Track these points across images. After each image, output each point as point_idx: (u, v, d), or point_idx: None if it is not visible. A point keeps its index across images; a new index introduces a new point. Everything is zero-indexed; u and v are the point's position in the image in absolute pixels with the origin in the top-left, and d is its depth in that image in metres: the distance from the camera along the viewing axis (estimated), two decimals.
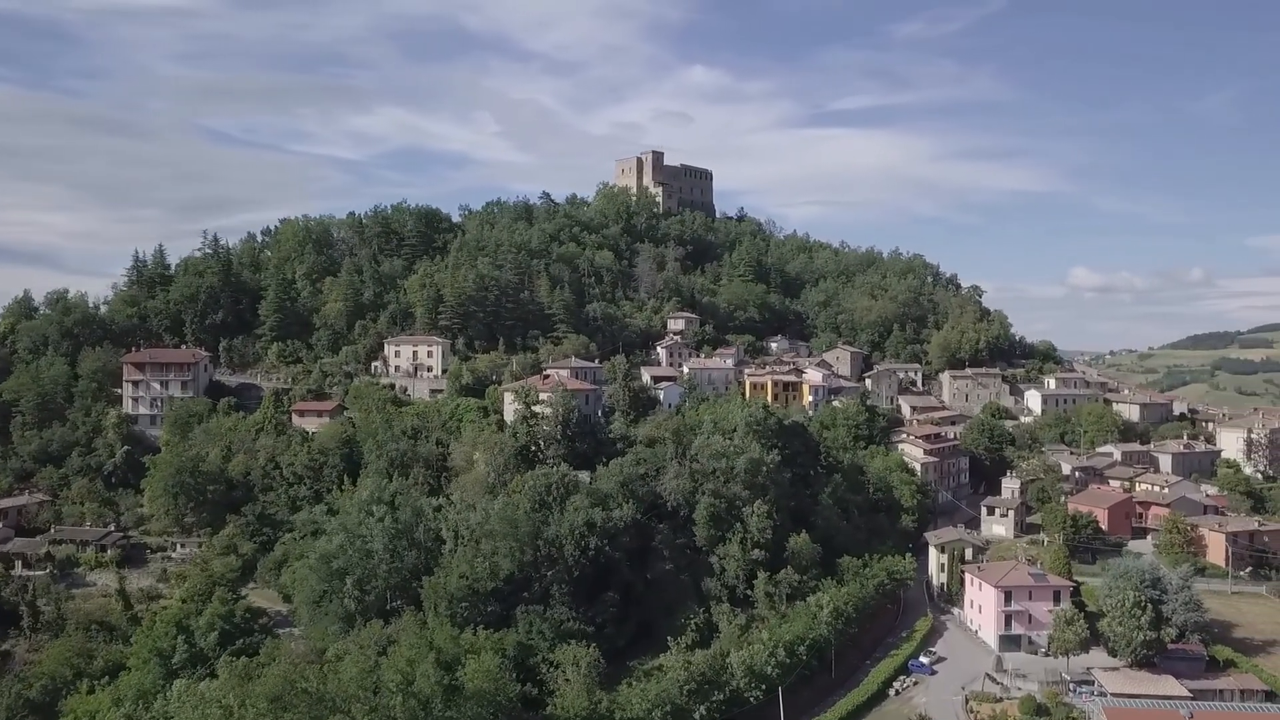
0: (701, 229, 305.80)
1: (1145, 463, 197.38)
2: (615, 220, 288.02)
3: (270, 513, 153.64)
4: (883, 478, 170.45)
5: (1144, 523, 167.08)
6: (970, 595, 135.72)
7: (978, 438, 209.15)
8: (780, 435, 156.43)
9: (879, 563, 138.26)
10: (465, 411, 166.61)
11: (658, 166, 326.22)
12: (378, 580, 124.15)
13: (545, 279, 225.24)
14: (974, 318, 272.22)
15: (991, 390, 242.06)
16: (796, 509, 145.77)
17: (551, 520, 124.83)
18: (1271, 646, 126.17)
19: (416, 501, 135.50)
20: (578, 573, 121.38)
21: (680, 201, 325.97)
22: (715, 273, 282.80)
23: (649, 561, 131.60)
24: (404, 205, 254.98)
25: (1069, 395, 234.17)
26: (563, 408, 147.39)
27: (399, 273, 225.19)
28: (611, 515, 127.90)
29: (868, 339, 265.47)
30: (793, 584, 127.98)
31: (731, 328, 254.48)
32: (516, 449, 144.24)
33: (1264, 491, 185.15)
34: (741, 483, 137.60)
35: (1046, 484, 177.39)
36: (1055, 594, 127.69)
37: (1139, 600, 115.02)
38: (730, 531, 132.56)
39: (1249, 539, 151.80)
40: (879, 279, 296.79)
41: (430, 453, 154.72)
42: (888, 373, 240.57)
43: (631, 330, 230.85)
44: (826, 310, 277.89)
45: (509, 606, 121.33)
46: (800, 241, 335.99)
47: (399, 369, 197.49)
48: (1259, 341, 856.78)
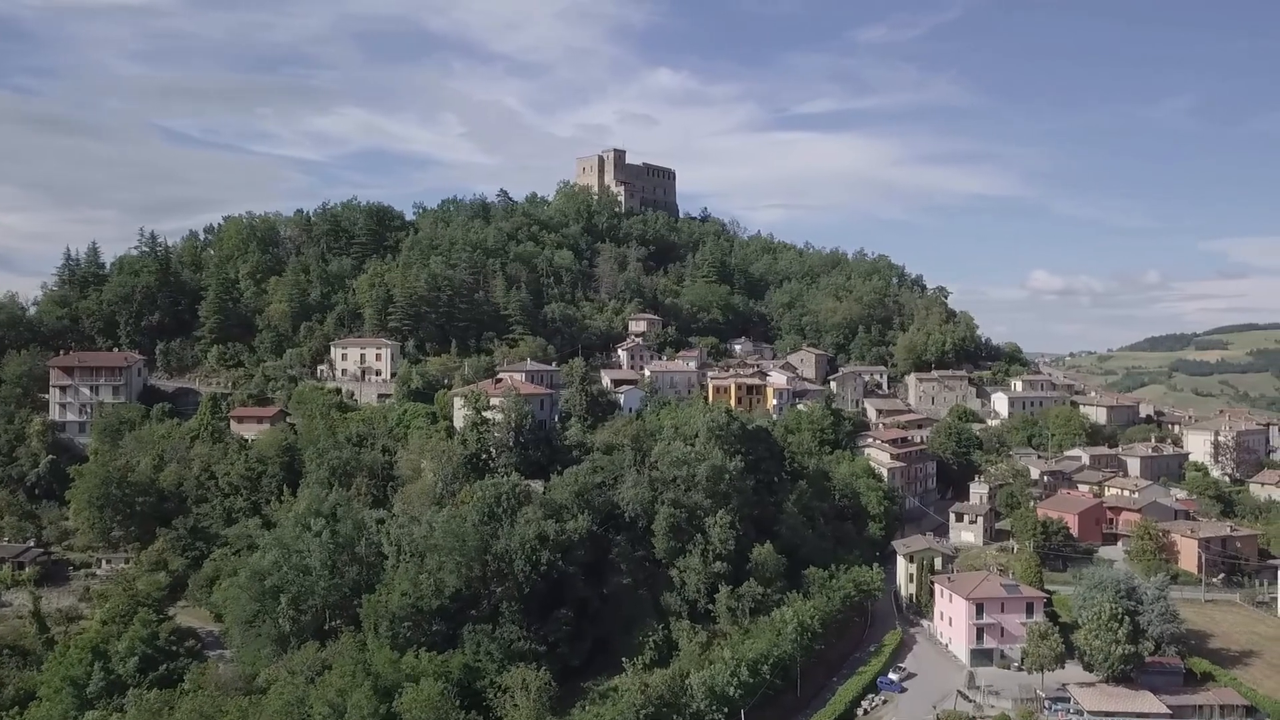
0: (664, 229, 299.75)
1: (1114, 466, 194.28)
2: (576, 219, 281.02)
3: (204, 526, 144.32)
4: (849, 484, 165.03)
5: (1114, 528, 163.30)
6: (940, 607, 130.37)
7: (945, 441, 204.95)
8: (743, 441, 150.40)
9: (846, 574, 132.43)
10: (413, 417, 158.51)
11: (619, 165, 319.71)
12: (315, 598, 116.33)
13: (501, 279, 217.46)
14: (940, 319, 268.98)
15: (958, 393, 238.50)
16: (760, 518, 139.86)
17: (501, 533, 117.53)
18: (1248, 657, 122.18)
19: (358, 514, 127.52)
20: (529, 589, 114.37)
21: (643, 201, 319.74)
22: (678, 273, 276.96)
23: (605, 575, 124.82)
24: (354, 202, 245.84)
25: (1036, 398, 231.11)
26: (515, 413, 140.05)
27: (348, 272, 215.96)
28: (565, 527, 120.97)
29: (833, 341, 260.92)
30: (756, 598, 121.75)
31: (694, 330, 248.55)
32: (465, 457, 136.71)
33: (1232, 495, 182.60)
34: (703, 491, 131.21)
35: (1015, 489, 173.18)
36: (1028, 606, 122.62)
37: (1115, 613, 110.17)
38: (691, 543, 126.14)
39: (1221, 545, 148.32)
40: (844, 280, 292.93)
41: (375, 461, 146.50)
42: (853, 375, 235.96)
43: (591, 332, 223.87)
44: (791, 312, 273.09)
45: (455, 625, 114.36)
46: (764, 242, 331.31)
47: (346, 373, 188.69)
48: (1214, 343, 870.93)
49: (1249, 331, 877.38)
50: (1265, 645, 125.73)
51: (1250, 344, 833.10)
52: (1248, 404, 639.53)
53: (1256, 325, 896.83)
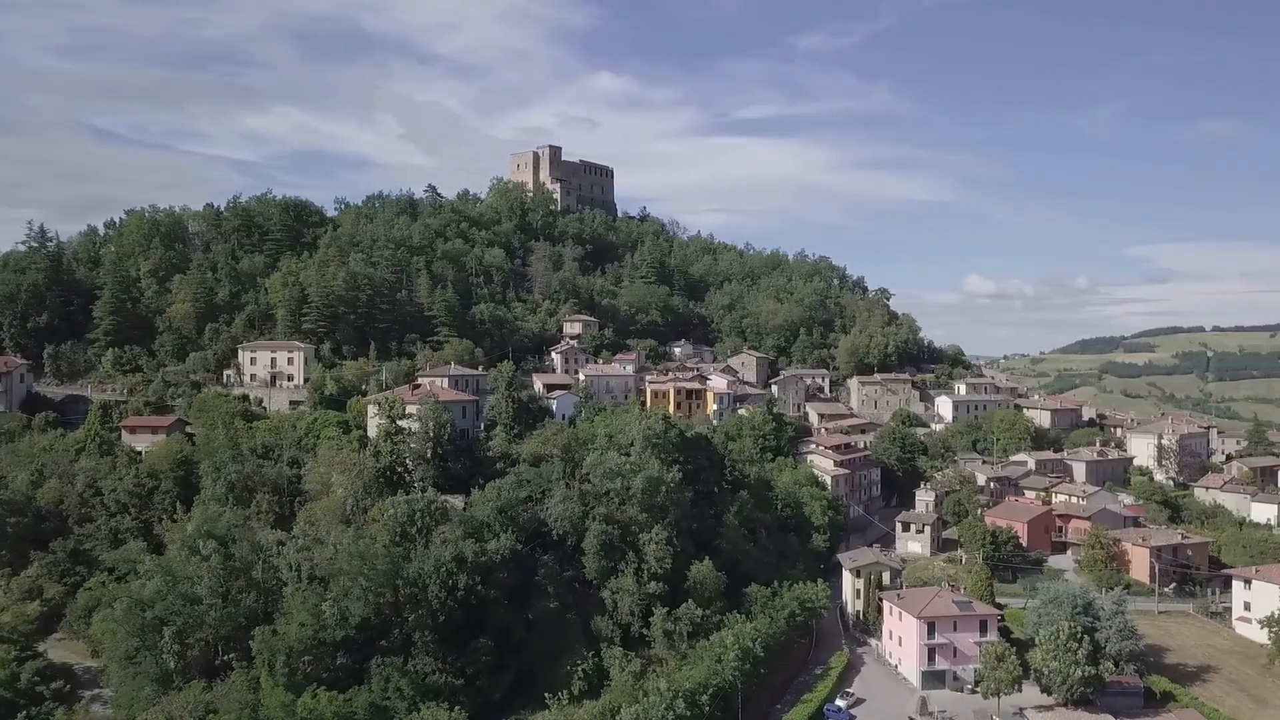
0: (602, 228, 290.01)
1: (1059, 471, 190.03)
2: (509, 217, 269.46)
3: (86, 548, 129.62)
4: (792, 493, 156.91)
5: (1064, 537, 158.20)
6: (889, 626, 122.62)
7: (889, 447, 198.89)
8: (682, 449, 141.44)
9: (790, 591, 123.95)
10: (323, 427, 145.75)
11: (555, 162, 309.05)
12: (204, 631, 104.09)
13: (426, 278, 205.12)
14: (882, 321, 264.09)
15: (901, 396, 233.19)
16: (699, 532, 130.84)
17: (415, 555, 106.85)
18: (1207, 673, 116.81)
19: (256, 534, 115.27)
20: (444, 616, 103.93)
21: (580, 199, 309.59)
22: (616, 274, 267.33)
23: (530, 599, 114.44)
24: (268, 196, 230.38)
25: (980, 401, 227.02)
26: (433, 422, 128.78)
27: (260, 270, 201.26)
28: (486, 547, 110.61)
29: (774, 344, 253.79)
30: (694, 620, 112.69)
31: (633, 332, 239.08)
32: (378, 471, 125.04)
33: (1178, 500, 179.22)
34: (638, 505, 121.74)
35: (963, 497, 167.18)
36: (981, 624, 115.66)
37: (1074, 632, 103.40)
38: (624, 562, 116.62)
39: (1172, 553, 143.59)
40: (785, 282, 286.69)
41: (280, 475, 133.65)
42: (795, 379, 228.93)
43: (523, 334, 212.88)
44: (731, 314, 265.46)
45: (362, 658, 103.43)
46: (704, 243, 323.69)
47: (255, 378, 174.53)
48: (1142, 346, 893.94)
49: (1174, 334, 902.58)
50: (1222, 660, 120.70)
51: (1175, 347, 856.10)
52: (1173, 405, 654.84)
53: (1181, 328, 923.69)
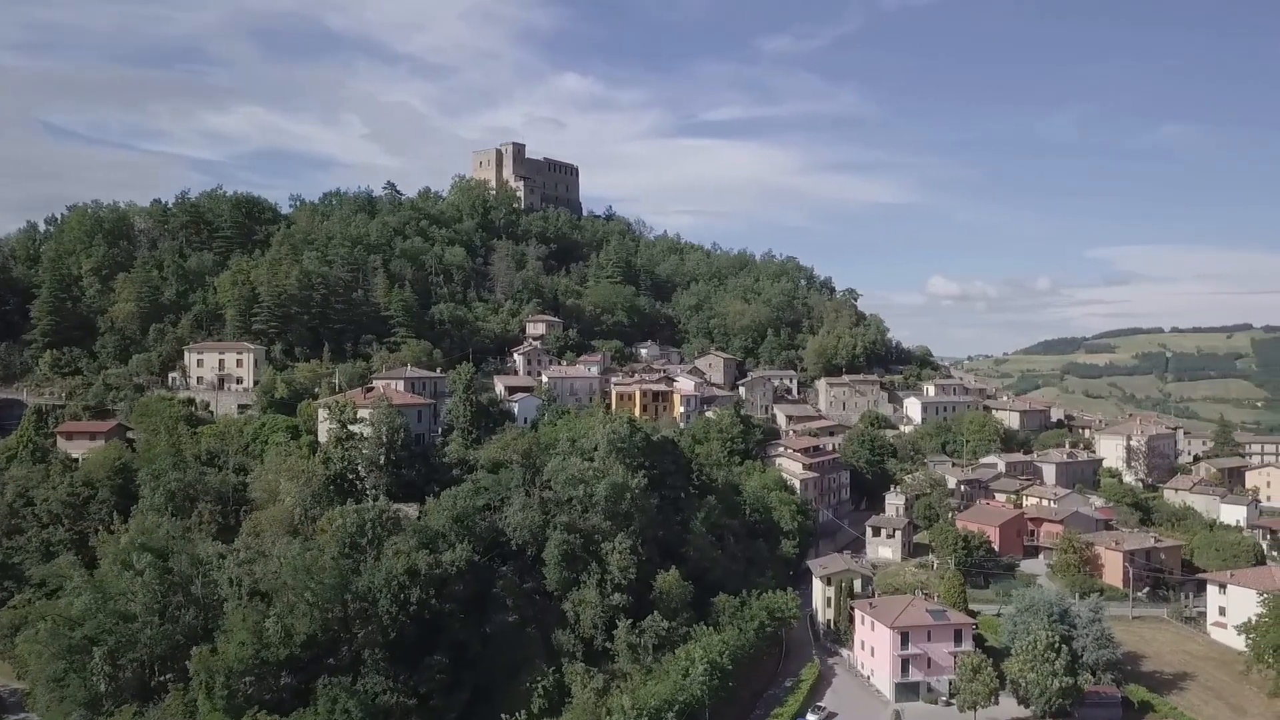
0: (567, 226, 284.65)
1: (1029, 473, 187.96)
2: (471, 215, 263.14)
3: (14, 562, 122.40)
4: (760, 498, 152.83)
5: (1036, 540, 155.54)
6: (861, 636, 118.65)
7: (858, 449, 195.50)
8: (647, 453, 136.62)
9: (759, 600, 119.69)
10: (271, 432, 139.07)
11: (519, 159, 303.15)
12: (138, 650, 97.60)
13: (383, 277, 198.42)
14: (850, 322, 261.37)
15: (869, 398, 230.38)
16: (665, 539, 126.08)
17: (365, 568, 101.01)
18: (1184, 681, 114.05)
19: (196, 547, 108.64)
20: (395, 632, 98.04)
21: (544, 198, 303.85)
22: (581, 273, 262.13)
23: (488, 613, 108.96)
24: (219, 192, 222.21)
25: (949, 402, 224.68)
26: (386, 426, 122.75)
27: (209, 269, 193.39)
28: (441, 559, 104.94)
29: (741, 345, 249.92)
30: (660, 632, 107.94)
31: (598, 333, 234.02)
32: (327, 478, 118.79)
33: (1148, 501, 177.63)
34: (601, 513, 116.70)
35: (934, 500, 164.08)
36: (956, 633, 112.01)
37: (1052, 642, 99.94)
38: (586, 573, 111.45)
39: (1145, 557, 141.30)
40: (752, 282, 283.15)
41: (224, 483, 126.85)
42: (762, 380, 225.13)
43: (484, 335, 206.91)
44: (699, 314, 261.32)
45: (308, 678, 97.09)
46: (671, 242, 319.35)
47: (202, 381, 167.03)
48: (1102, 347, 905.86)
49: (1134, 335, 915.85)
50: (1198, 666, 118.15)
51: (1135, 347, 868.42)
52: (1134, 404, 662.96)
53: (1141, 329, 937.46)
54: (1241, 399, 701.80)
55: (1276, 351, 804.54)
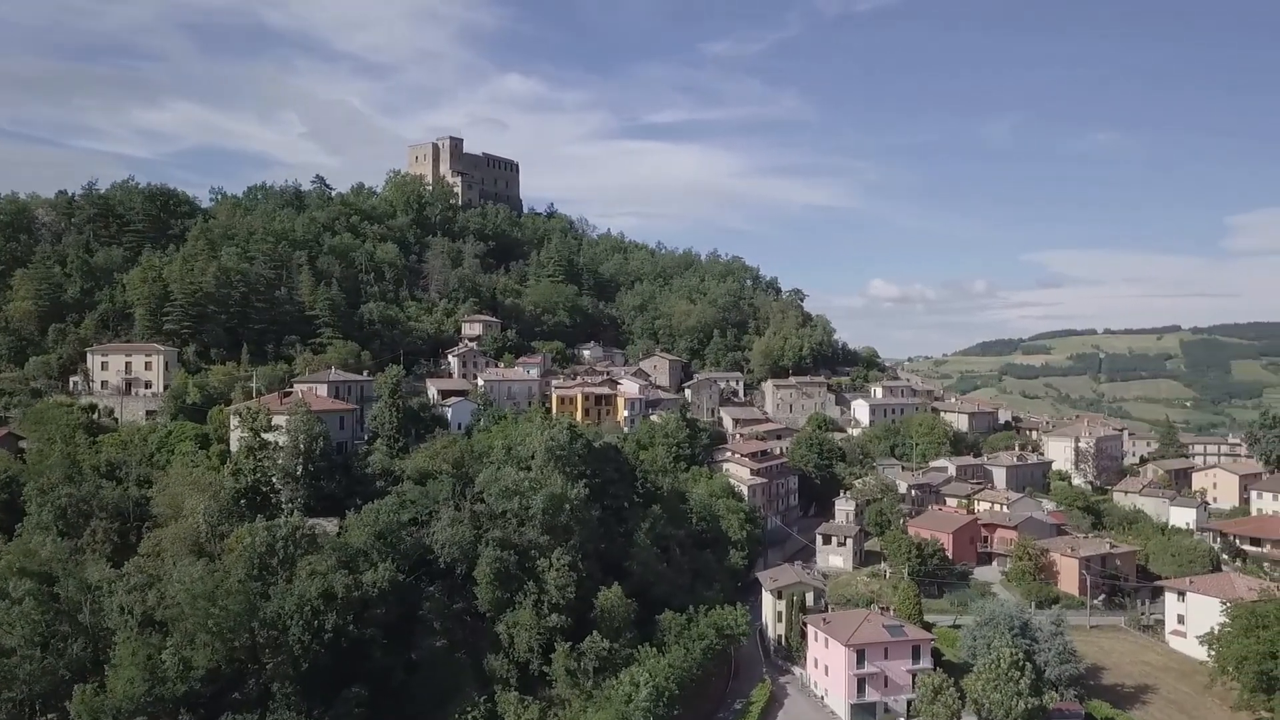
0: (506, 224, 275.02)
1: (979, 477, 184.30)
2: (405, 211, 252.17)
3: None
4: (707, 506, 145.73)
5: (989, 547, 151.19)
6: (814, 653, 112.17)
7: (806, 453, 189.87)
8: (589, 461, 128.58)
9: (706, 617, 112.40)
10: (178, 440, 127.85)
11: (456, 154, 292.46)
12: (15, 688, 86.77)
13: (308, 274, 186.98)
14: (796, 323, 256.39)
15: (817, 400, 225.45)
16: (607, 553, 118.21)
17: (275, 591, 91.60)
18: (1145, 694, 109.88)
19: (87, 570, 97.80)
20: (308, 663, 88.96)
21: (482, 194, 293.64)
22: (521, 272, 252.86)
23: (414, 637, 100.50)
24: (130, 183, 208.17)
25: (897, 404, 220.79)
26: (304, 434, 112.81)
27: (118, 265, 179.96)
28: (361, 579, 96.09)
29: (687, 346, 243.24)
30: (601, 655, 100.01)
31: (538, 333, 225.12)
32: (237, 491, 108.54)
33: (1099, 505, 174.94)
34: (538, 527, 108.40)
35: (885, 506, 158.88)
36: (914, 650, 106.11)
37: (1016, 659, 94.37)
38: (522, 592, 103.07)
39: (1101, 563, 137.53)
40: (698, 282, 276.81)
41: (123, 498, 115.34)
42: (708, 382, 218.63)
43: (417, 336, 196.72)
44: (643, 315, 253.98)
45: (210, 715, 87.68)
46: (615, 241, 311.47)
47: (106, 385, 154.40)
48: (1039, 348, 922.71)
49: (1068, 337, 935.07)
50: (1159, 678, 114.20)
51: (1070, 349, 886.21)
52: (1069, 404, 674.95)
53: (1075, 331, 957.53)
54: (1171, 399, 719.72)
55: (1204, 353, 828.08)
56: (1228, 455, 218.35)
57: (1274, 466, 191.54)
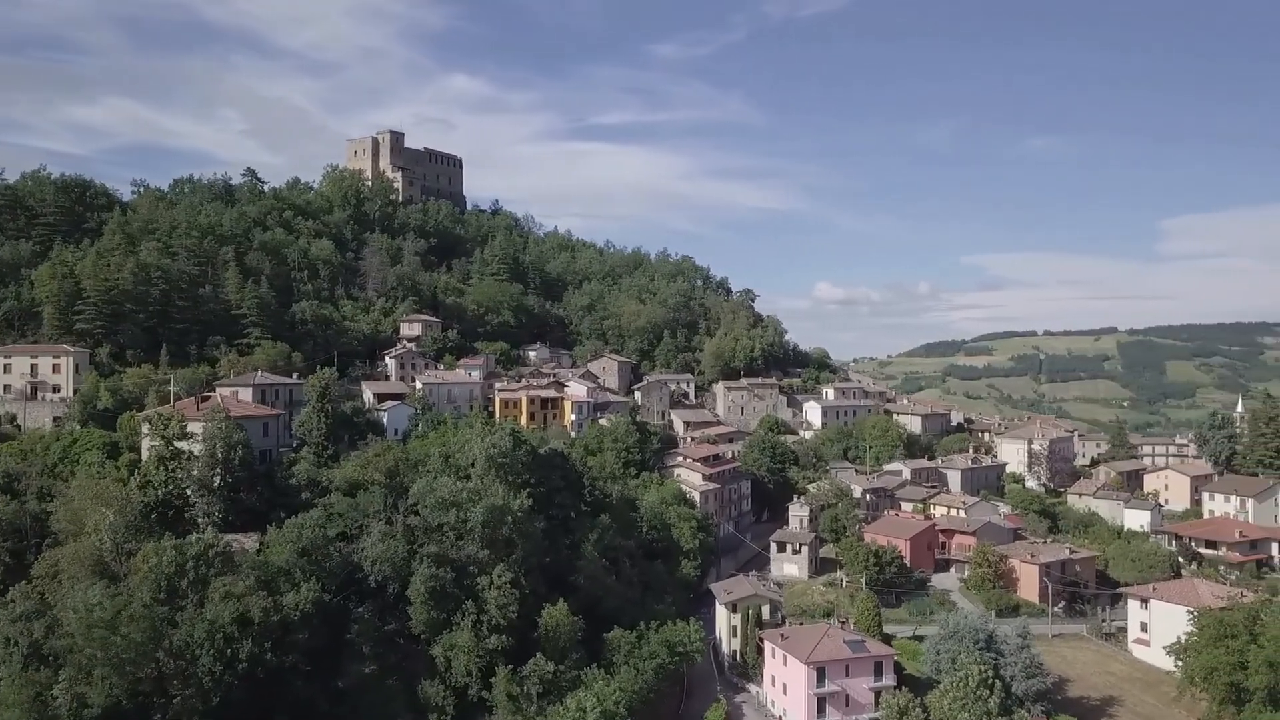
0: (448, 220, 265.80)
1: (935, 480, 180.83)
2: (342, 206, 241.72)
3: None
4: (658, 514, 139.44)
5: (947, 553, 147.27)
6: (772, 670, 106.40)
7: (758, 457, 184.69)
8: (534, 468, 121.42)
9: (658, 634, 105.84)
10: (83, 450, 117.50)
11: (397, 149, 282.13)
12: None
13: (234, 271, 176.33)
14: (747, 323, 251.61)
15: (768, 402, 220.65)
16: (552, 567, 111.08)
17: (184, 618, 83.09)
18: (1111, 707, 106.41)
19: None
20: (220, 696, 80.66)
21: (424, 190, 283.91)
22: (464, 270, 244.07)
23: (341, 664, 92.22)
24: (43, 173, 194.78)
25: (850, 406, 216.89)
26: (222, 442, 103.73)
27: (25, 260, 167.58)
28: (282, 601, 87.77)
29: (636, 347, 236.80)
30: (545, 678, 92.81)
31: (482, 334, 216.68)
32: (146, 505, 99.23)
33: (1054, 508, 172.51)
34: (478, 541, 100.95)
35: (840, 511, 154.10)
36: (876, 666, 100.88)
37: (984, 677, 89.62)
38: (459, 612, 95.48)
39: (1061, 569, 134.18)
40: (647, 281, 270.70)
41: (19, 514, 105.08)
42: (659, 384, 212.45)
43: (353, 336, 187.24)
44: (591, 315, 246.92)
45: None
46: (562, 239, 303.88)
47: (10, 389, 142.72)
48: (981, 350, 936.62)
49: (1009, 339, 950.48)
50: (1124, 689, 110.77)
51: (1011, 350, 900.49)
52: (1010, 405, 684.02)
53: (1016, 333, 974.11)
54: (1109, 399, 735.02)
55: (1140, 353, 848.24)
56: (1175, 456, 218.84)
57: (1223, 468, 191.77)
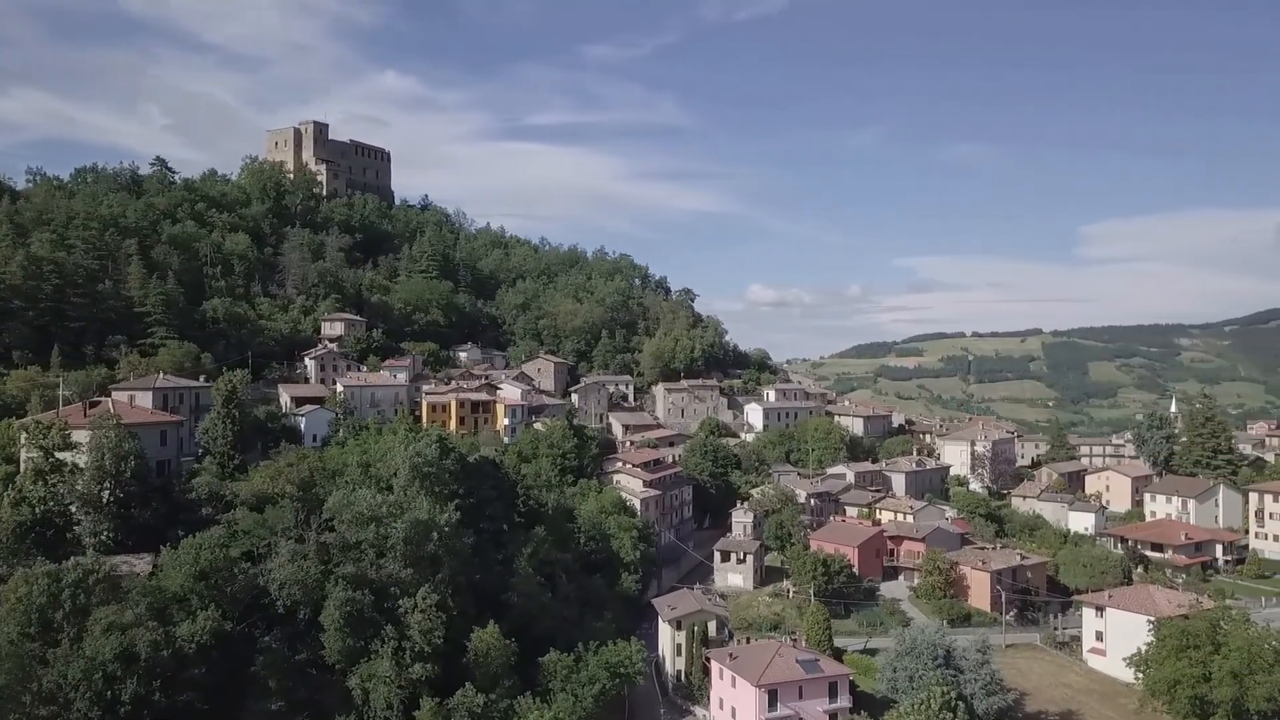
0: (375, 215, 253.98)
1: (879, 484, 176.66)
2: (261, 199, 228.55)
3: None
4: (597, 524, 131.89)
5: (896, 560, 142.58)
6: (720, 693, 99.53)
7: (700, 461, 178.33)
8: (463, 478, 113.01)
9: (597, 655, 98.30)
10: None
11: (321, 141, 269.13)
12: None
13: (138, 265, 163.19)
14: (687, 324, 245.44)
15: (709, 404, 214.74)
16: (483, 585, 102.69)
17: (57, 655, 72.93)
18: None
19: None
20: None
21: (350, 184, 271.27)
22: (391, 267, 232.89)
23: (244, 700, 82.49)
24: None
25: (791, 408, 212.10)
26: (111, 453, 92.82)
27: None
28: (175, 633, 77.86)
29: (573, 347, 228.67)
30: (474, 710, 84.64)
31: (410, 334, 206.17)
32: (20, 525, 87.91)
33: (999, 511, 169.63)
34: (400, 559, 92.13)
35: (786, 518, 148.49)
36: (831, 686, 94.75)
37: (948, 700, 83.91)
38: (379, 639, 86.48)
39: (1012, 576, 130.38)
40: (584, 280, 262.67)
41: None
42: (596, 386, 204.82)
43: (270, 336, 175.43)
44: (526, 314, 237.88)
45: None
46: (495, 236, 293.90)
47: None
48: (911, 351, 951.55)
49: (939, 340, 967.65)
50: (1083, 701, 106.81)
51: (940, 351, 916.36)
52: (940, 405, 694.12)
53: (945, 334, 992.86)
54: (1035, 399, 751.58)
55: (1064, 354, 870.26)
56: (1113, 456, 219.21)
57: (1162, 468, 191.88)
